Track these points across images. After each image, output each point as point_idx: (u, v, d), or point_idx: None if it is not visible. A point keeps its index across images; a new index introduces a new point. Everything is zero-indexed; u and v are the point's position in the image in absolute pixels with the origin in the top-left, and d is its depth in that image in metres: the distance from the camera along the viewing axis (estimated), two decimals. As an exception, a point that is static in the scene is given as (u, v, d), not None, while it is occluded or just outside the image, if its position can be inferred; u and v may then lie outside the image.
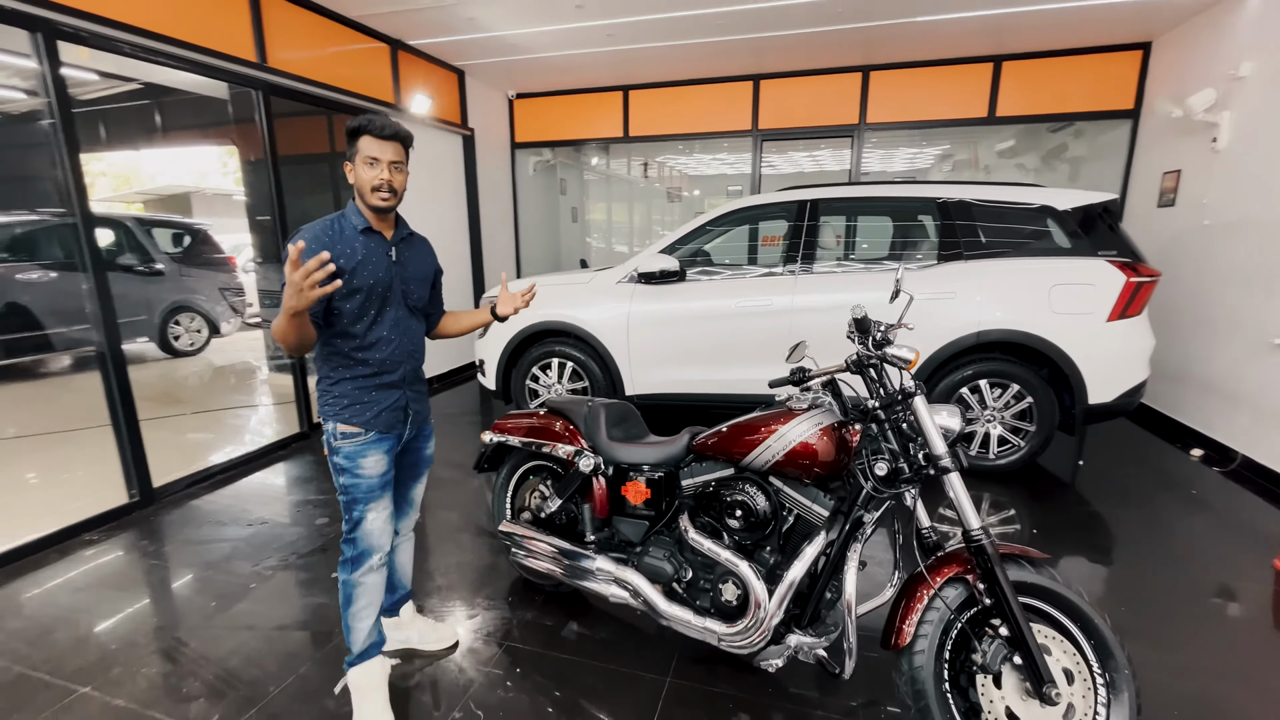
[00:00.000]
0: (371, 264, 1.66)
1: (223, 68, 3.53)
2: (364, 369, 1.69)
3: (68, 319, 5.16)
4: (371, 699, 1.74)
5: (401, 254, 1.75)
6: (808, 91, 5.67)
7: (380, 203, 1.64)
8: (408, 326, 1.77)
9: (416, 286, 1.80)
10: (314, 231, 1.61)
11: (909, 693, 1.47)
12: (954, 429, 1.59)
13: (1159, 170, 4.56)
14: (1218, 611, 2.26)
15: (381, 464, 1.72)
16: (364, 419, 1.68)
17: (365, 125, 1.61)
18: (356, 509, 1.71)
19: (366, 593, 1.75)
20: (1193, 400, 4.04)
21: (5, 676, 1.95)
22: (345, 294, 1.62)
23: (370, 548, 1.74)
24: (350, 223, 1.66)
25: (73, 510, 2.93)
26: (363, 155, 1.61)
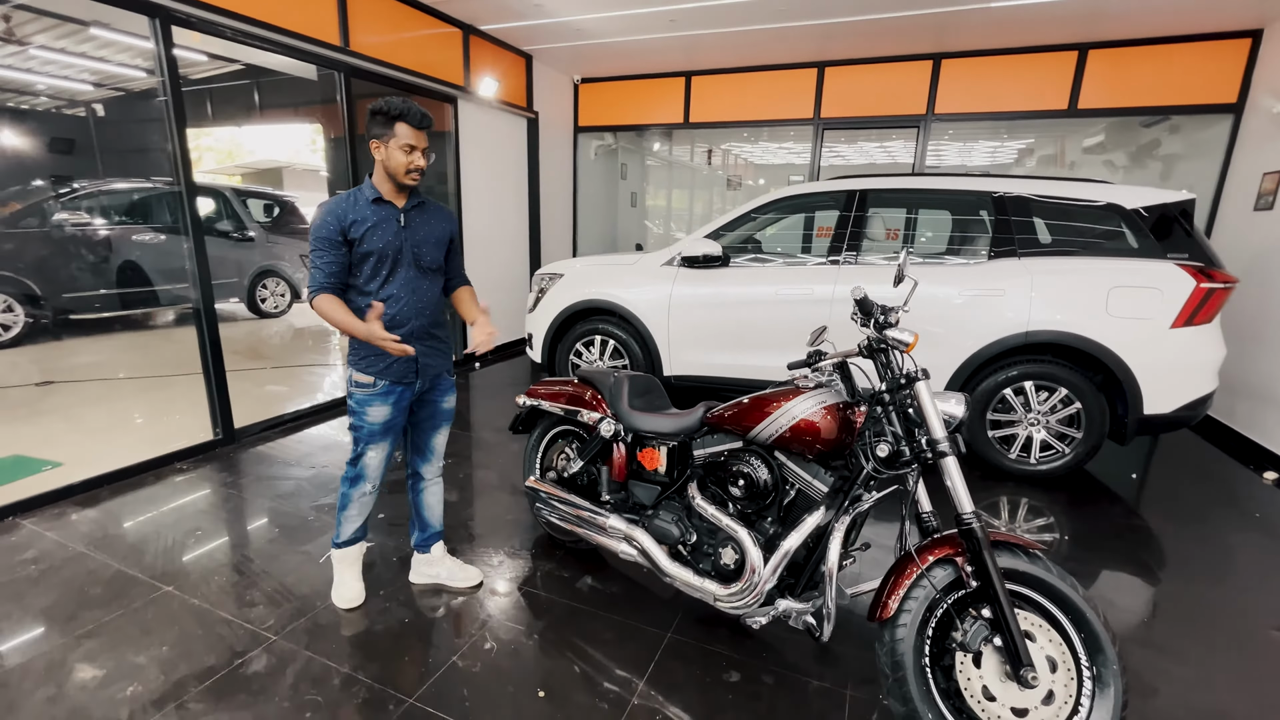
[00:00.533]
0: (381, 229, 1.88)
1: (310, 51, 3.84)
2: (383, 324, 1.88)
3: (172, 277, 5.77)
4: (348, 571, 2.19)
5: (411, 220, 1.95)
6: (873, 80, 5.53)
7: (412, 182, 1.88)
8: (418, 286, 1.97)
9: (429, 250, 1.99)
10: (333, 204, 1.86)
11: (888, 663, 1.53)
12: (956, 415, 1.62)
13: (1259, 170, 4.20)
14: (1257, 636, 2.16)
15: (385, 414, 1.99)
16: (376, 369, 1.94)
17: (404, 114, 1.80)
18: (360, 445, 2.03)
19: (358, 505, 2.12)
20: (1274, 420, 3.75)
21: (107, 572, 2.30)
22: (360, 257, 1.87)
23: (366, 476, 2.07)
24: (364, 195, 1.89)
25: (167, 442, 3.34)
26: (400, 141, 1.81)
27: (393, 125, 1.81)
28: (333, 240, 1.84)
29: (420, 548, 2.30)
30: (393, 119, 1.80)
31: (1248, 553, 2.71)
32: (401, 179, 1.85)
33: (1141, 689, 1.87)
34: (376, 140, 1.84)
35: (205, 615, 2.07)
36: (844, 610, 2.19)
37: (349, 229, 1.85)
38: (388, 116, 1.81)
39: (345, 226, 1.84)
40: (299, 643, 1.95)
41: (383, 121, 1.81)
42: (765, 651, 1.98)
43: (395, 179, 1.86)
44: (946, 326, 3.34)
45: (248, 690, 1.75)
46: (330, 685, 1.78)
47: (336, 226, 1.84)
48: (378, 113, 1.82)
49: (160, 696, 1.72)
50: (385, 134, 1.82)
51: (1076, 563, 2.59)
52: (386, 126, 1.81)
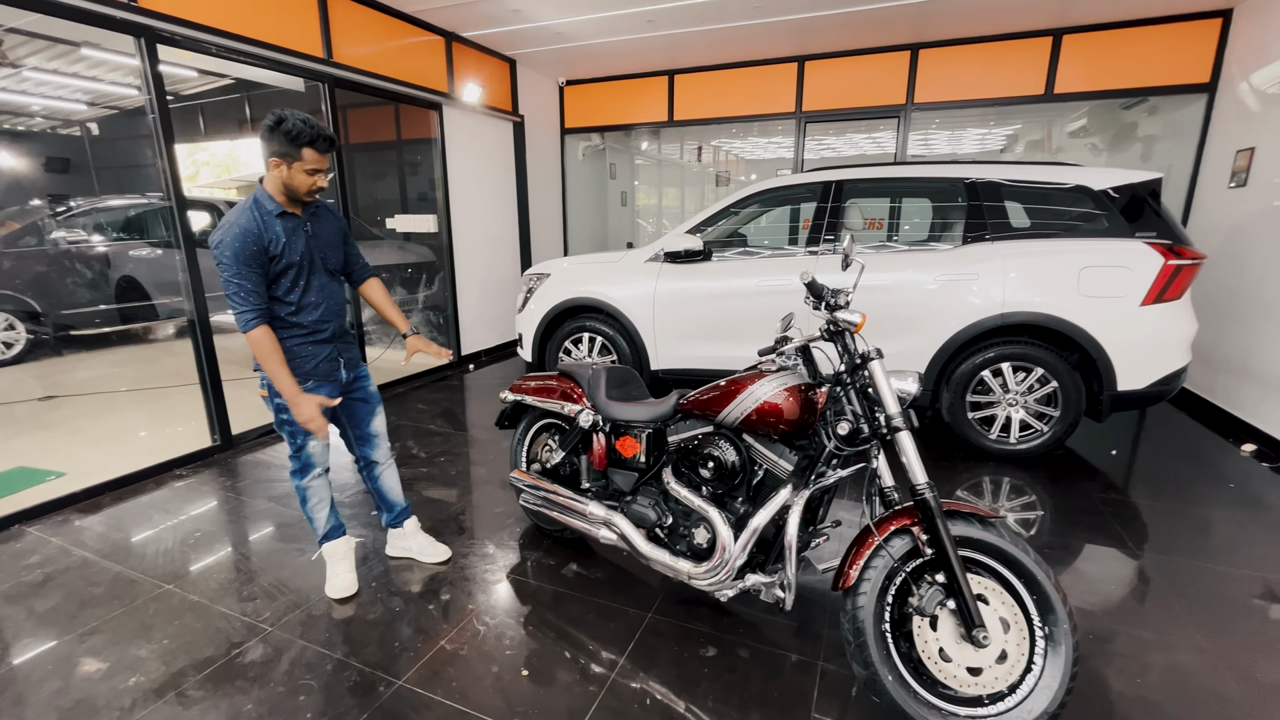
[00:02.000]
0: (294, 243, 1.94)
1: (294, 64, 3.92)
2: (300, 330, 2.00)
3: (169, 291, 5.86)
4: (339, 564, 2.27)
5: (314, 229, 2.03)
6: (853, 72, 5.60)
7: (310, 200, 1.96)
8: (331, 289, 2.09)
9: (331, 252, 2.09)
10: (242, 224, 1.83)
11: (850, 630, 1.60)
12: (910, 392, 1.69)
13: (1232, 148, 4.26)
14: (1225, 598, 2.22)
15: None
16: (304, 371, 2.02)
17: (313, 141, 1.83)
18: (299, 438, 2.09)
19: (316, 493, 2.20)
20: (1253, 394, 3.81)
21: (109, 573, 2.38)
22: (279, 271, 1.92)
23: (313, 463, 2.15)
24: (266, 209, 1.89)
25: (167, 450, 3.43)
26: (305, 165, 1.85)
27: (299, 150, 1.83)
28: (258, 260, 1.84)
29: (393, 524, 2.47)
30: (301, 145, 1.82)
31: (1224, 524, 2.78)
32: (301, 197, 1.92)
33: (1108, 654, 1.93)
34: (278, 159, 1.84)
35: (204, 610, 2.15)
36: (818, 588, 2.26)
37: (269, 245, 1.87)
38: (294, 141, 1.81)
39: (265, 244, 1.85)
40: (293, 633, 2.03)
41: (287, 142, 1.82)
42: (743, 628, 2.05)
43: (295, 196, 1.91)
44: (924, 311, 3.41)
45: (244, 677, 1.83)
46: (323, 671, 1.86)
47: (257, 245, 1.83)
48: (283, 133, 1.80)
49: (161, 685, 1.80)
50: (290, 155, 1.83)
51: (1055, 537, 2.65)
52: (292, 148, 1.82)
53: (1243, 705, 1.73)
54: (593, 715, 1.69)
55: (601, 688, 1.79)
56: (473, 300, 5.85)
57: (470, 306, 5.84)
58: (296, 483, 2.17)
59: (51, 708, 1.72)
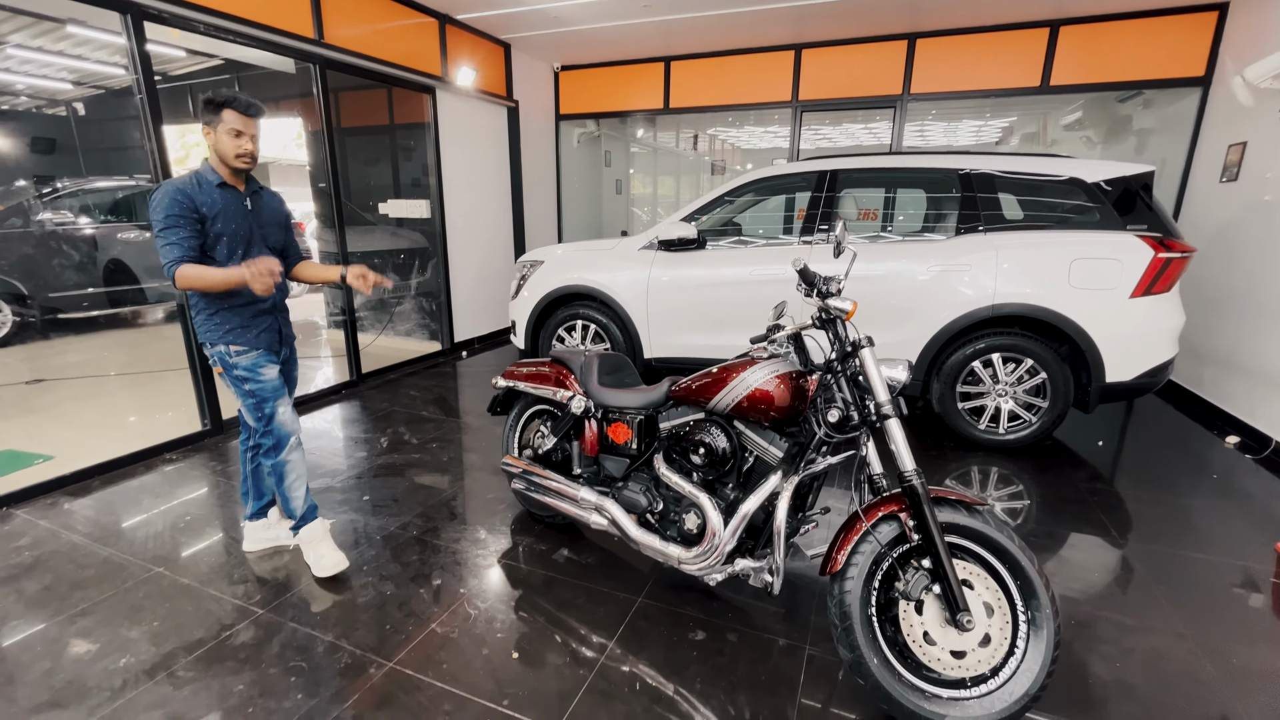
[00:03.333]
0: (230, 213, 2.02)
1: (284, 44, 3.86)
2: (240, 299, 2.07)
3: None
4: (321, 545, 2.27)
5: (256, 204, 2.13)
6: (850, 61, 5.57)
7: (243, 165, 2.01)
8: None
9: (272, 231, 2.19)
10: (178, 184, 1.94)
11: (837, 614, 1.62)
12: (900, 380, 1.70)
13: (1225, 143, 4.28)
14: (1204, 585, 2.27)
15: (275, 369, 2.18)
16: (247, 339, 2.09)
17: (229, 100, 1.93)
18: (268, 406, 2.13)
19: (294, 468, 2.21)
20: (1239, 386, 3.86)
21: (98, 556, 2.38)
22: (214, 237, 2.00)
23: (287, 433, 2.17)
24: (207, 179, 2.00)
25: (156, 434, 3.41)
26: (227, 126, 1.94)
27: (219, 112, 1.93)
28: (186, 215, 1.92)
29: (255, 516, 2.42)
30: (219, 106, 1.93)
31: (1207, 514, 2.82)
32: (231, 163, 1.98)
33: (1089, 638, 1.97)
34: (206, 127, 1.96)
35: (194, 593, 2.16)
36: (806, 574, 2.29)
37: (199, 206, 1.95)
38: (215, 105, 1.93)
39: (197, 204, 1.94)
40: (284, 615, 2.04)
41: (211, 109, 1.94)
42: (732, 613, 2.08)
43: (226, 163, 1.99)
44: (917, 302, 3.42)
45: (235, 659, 1.84)
46: (314, 652, 1.87)
47: (189, 202, 1.92)
48: (206, 102, 1.94)
49: (152, 666, 1.81)
50: (213, 120, 1.94)
51: (1041, 525, 2.69)
52: (214, 113, 1.94)
53: (1218, 688, 1.77)
54: (582, 697, 1.71)
55: (591, 670, 1.81)
56: (466, 287, 5.82)
57: (463, 293, 5.81)
58: (271, 461, 2.17)
59: (43, 688, 1.73)
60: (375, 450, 3.44)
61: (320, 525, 2.32)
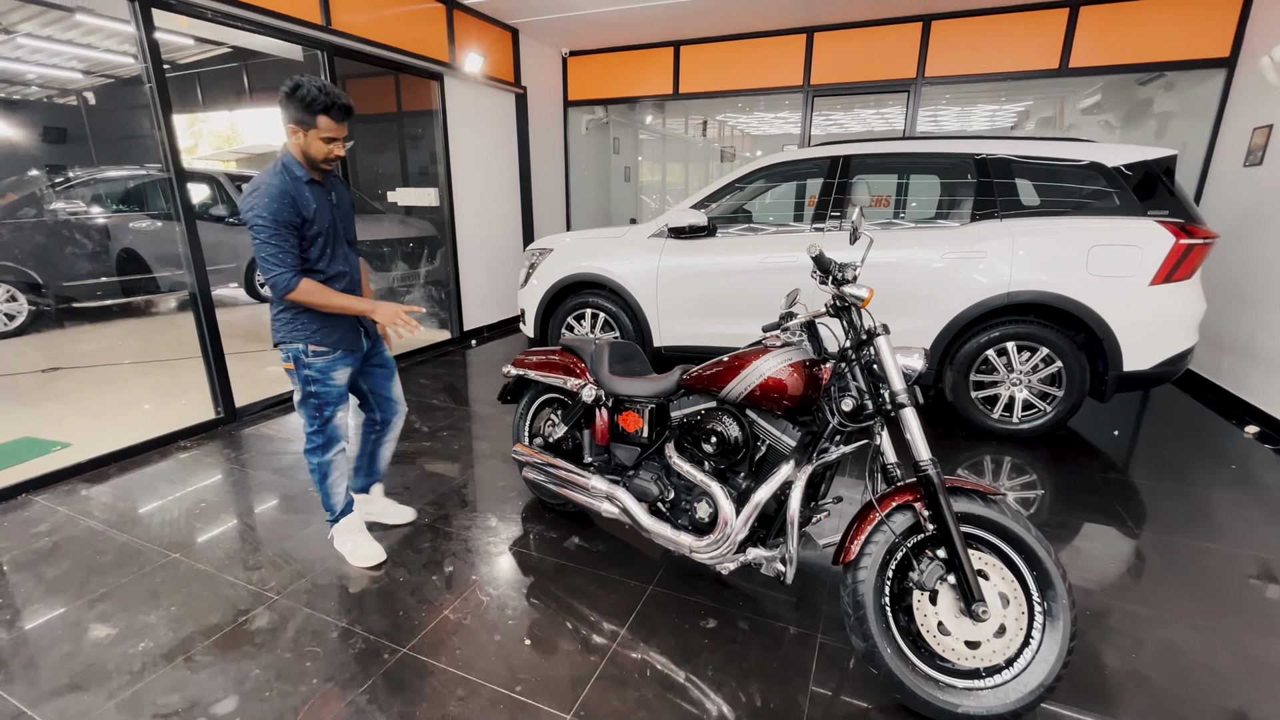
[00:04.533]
0: (323, 210, 1.96)
1: (293, 30, 3.84)
2: None
3: (170, 263, 5.84)
4: (358, 536, 2.28)
5: (336, 198, 2.06)
6: (863, 44, 5.46)
7: (328, 168, 1.97)
8: (351, 257, 2.13)
9: (349, 223, 2.14)
10: (278, 185, 1.84)
11: (850, 603, 1.61)
12: (915, 369, 1.67)
13: (1250, 126, 4.17)
14: (1221, 576, 2.24)
15: (346, 374, 2.13)
16: (332, 339, 2.03)
17: (328, 108, 1.82)
18: (328, 410, 2.12)
19: (337, 467, 2.20)
20: (1257, 375, 3.79)
21: (116, 542, 2.41)
22: (311, 238, 1.93)
23: (337, 437, 2.18)
24: (297, 175, 1.90)
25: (171, 422, 3.45)
26: (321, 133, 1.85)
27: (315, 117, 1.83)
28: (293, 223, 1.86)
29: (360, 490, 2.49)
30: (315, 111, 1.82)
31: (1224, 505, 2.78)
32: (320, 165, 1.92)
33: (1104, 629, 1.95)
34: (296, 126, 1.85)
35: (211, 579, 2.18)
36: (818, 563, 2.28)
37: (303, 208, 1.87)
38: (310, 107, 1.81)
39: (299, 207, 1.86)
40: (299, 601, 2.06)
41: (303, 109, 1.82)
42: (743, 601, 2.07)
43: (313, 165, 1.91)
44: (930, 289, 3.38)
45: (251, 643, 1.86)
46: (329, 638, 1.89)
47: (294, 209, 1.85)
48: (300, 100, 1.80)
49: (170, 651, 1.83)
50: (306, 122, 1.84)
51: (1055, 515, 2.66)
52: (307, 115, 1.82)
53: (1235, 680, 1.75)
54: (594, 684, 1.72)
55: (603, 657, 1.82)
56: (475, 275, 5.82)
57: (472, 281, 5.80)
58: (317, 459, 2.15)
59: (63, 671, 1.76)
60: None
61: (357, 517, 2.32)
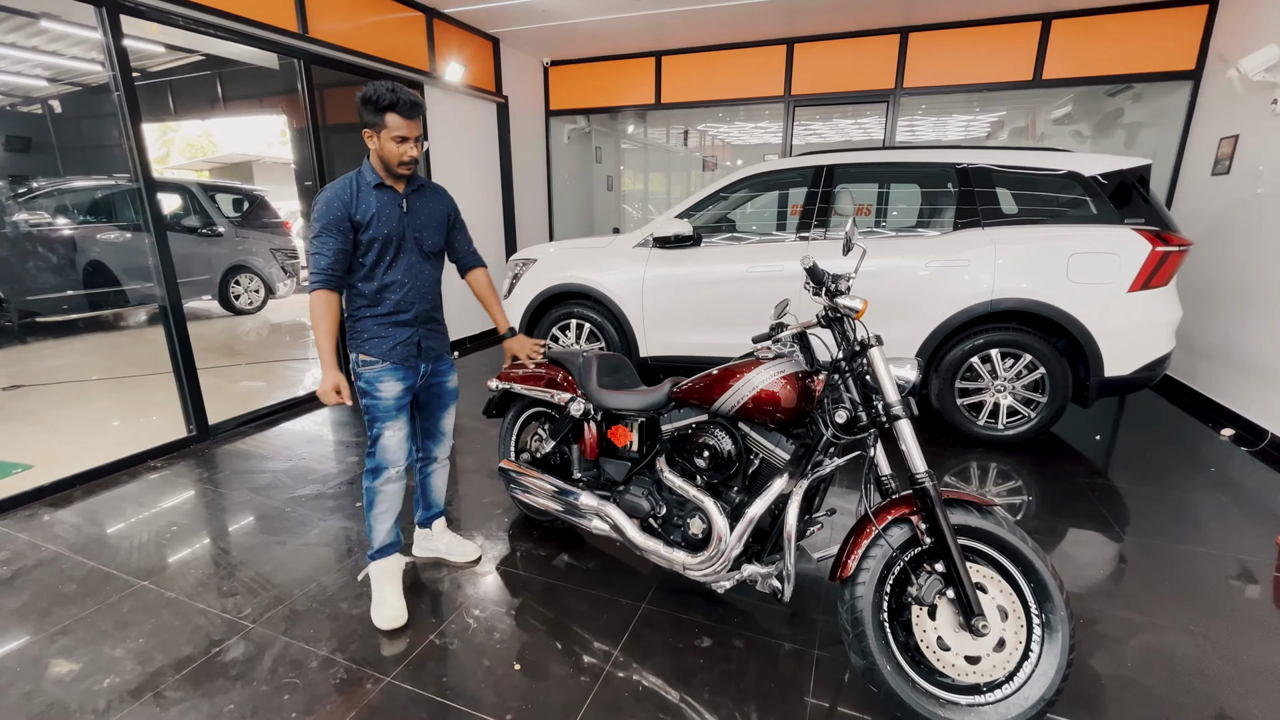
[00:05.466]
0: (385, 216, 1.88)
1: (267, 38, 3.76)
2: (381, 308, 1.94)
3: (139, 276, 5.67)
4: (388, 585, 2.05)
5: (413, 204, 1.95)
6: (842, 55, 5.53)
7: (406, 172, 1.86)
8: (421, 271, 2.00)
9: (430, 234, 2.01)
10: (337, 188, 1.84)
11: (848, 620, 1.58)
12: (910, 379, 1.66)
13: (1216, 136, 4.29)
14: (1206, 579, 2.26)
15: (397, 390, 1.98)
16: (380, 350, 1.95)
17: (394, 104, 1.75)
18: (377, 425, 1.98)
19: (385, 499, 2.04)
20: (1233, 379, 3.87)
21: (81, 570, 2.29)
22: (365, 243, 1.86)
23: (387, 461, 2.01)
24: (365, 180, 1.88)
25: (140, 441, 3.31)
26: (391, 133, 1.78)
27: (382, 116, 1.77)
28: (340, 224, 1.82)
29: (422, 524, 2.38)
30: (382, 109, 1.77)
31: (1205, 507, 2.82)
32: (395, 169, 1.85)
33: (1096, 637, 1.95)
34: (369, 130, 1.82)
35: (182, 607, 2.08)
36: (813, 576, 2.25)
37: (355, 213, 1.84)
38: (377, 106, 1.77)
39: (352, 211, 1.83)
40: (276, 629, 1.97)
41: (372, 111, 1.78)
42: (737, 617, 2.04)
43: (389, 169, 1.86)
44: (914, 298, 3.40)
45: (225, 676, 1.77)
46: (308, 668, 1.81)
47: (344, 211, 1.82)
48: (367, 101, 1.78)
49: (138, 686, 1.73)
50: (376, 124, 1.79)
51: (1042, 521, 2.67)
52: (376, 116, 1.78)
53: (1230, 686, 1.75)
54: (587, 709, 1.66)
55: (596, 680, 1.76)
56: (457, 285, 5.72)
57: (455, 292, 5.69)
58: (367, 484, 2.03)
59: (21, 712, 1.65)
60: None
61: (395, 562, 2.11)
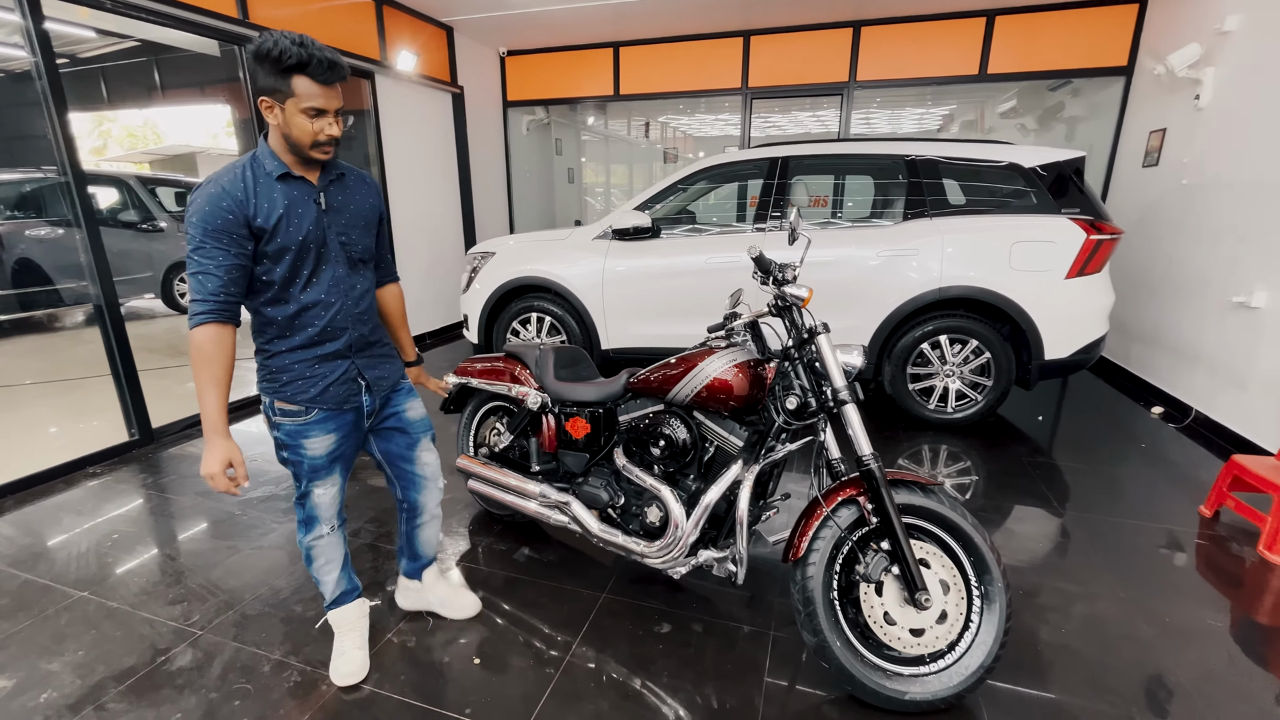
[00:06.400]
0: (297, 216, 1.40)
1: (204, 23, 3.60)
2: (301, 338, 1.46)
3: (74, 274, 5.38)
4: (348, 635, 1.78)
5: (333, 199, 1.48)
6: (798, 48, 5.60)
7: (322, 156, 1.40)
8: (350, 285, 1.52)
9: (358, 235, 1.53)
10: (224, 183, 1.34)
11: (800, 600, 1.63)
12: (855, 365, 1.71)
13: (1146, 129, 4.51)
14: (1136, 549, 2.40)
15: (328, 442, 1.55)
16: (307, 396, 1.48)
17: (304, 62, 1.28)
18: (303, 483, 1.60)
19: (323, 552, 1.70)
20: (1163, 360, 4.10)
21: (12, 583, 2.18)
22: (272, 254, 1.39)
23: (318, 518, 1.65)
24: (263, 168, 1.38)
25: (78, 447, 3.16)
26: (302, 103, 1.31)
27: (288, 79, 1.30)
28: (231, 233, 1.33)
29: (410, 575, 1.98)
30: (286, 70, 1.28)
31: (1136, 481, 2.99)
32: (307, 152, 1.37)
33: (1036, 607, 2.05)
34: (268, 100, 1.33)
35: (125, 617, 2.01)
36: (769, 559, 2.31)
37: (254, 216, 1.35)
38: (279, 66, 1.28)
39: (249, 214, 1.34)
40: (226, 635, 1.92)
41: (271, 72, 1.29)
42: (696, 603, 2.07)
43: (299, 152, 1.38)
44: (868, 286, 3.49)
45: (172, 685, 1.72)
46: (260, 673, 1.77)
47: (237, 214, 1.33)
48: (263, 58, 1.28)
49: (76, 701, 1.67)
50: (279, 90, 1.31)
51: (988, 500, 2.79)
52: (278, 79, 1.30)
53: (1155, 647, 1.87)
54: (547, 699, 1.68)
55: (556, 670, 1.78)
56: (415, 280, 5.62)
57: (412, 287, 5.60)
58: (300, 537, 1.69)
59: (-52, 733, 1.57)
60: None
61: (357, 609, 1.80)
